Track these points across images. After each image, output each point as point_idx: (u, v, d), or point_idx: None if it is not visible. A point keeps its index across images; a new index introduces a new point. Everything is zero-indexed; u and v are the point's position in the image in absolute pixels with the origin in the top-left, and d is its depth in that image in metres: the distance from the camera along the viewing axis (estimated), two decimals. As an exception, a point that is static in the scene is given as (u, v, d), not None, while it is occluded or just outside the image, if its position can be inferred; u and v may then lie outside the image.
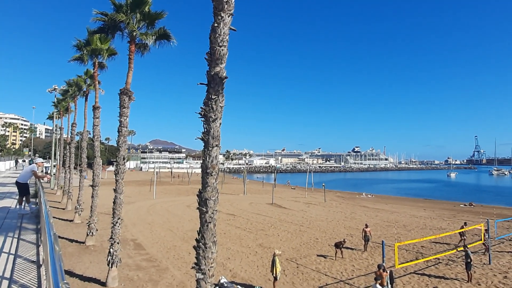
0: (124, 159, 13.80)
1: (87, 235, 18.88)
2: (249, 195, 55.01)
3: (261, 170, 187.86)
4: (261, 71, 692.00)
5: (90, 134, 23.98)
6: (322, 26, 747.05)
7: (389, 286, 11.62)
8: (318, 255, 18.54)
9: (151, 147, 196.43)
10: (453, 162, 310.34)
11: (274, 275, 13.00)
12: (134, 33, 14.23)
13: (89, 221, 18.90)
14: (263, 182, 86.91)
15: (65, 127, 43.39)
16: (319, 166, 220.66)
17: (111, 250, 12.90)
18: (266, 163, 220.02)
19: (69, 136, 37.74)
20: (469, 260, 14.37)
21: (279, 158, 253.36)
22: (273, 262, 13.08)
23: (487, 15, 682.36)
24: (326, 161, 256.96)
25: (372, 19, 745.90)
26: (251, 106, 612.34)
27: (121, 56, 20.76)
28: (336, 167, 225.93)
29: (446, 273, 15.64)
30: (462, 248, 16.49)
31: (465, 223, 23.95)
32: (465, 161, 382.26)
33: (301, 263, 17.07)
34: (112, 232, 13.21)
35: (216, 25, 7.49)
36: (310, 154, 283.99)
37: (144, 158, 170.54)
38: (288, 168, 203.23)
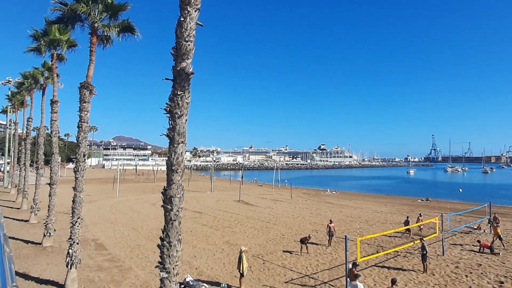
0: (84, 156, 13.24)
1: (44, 235, 17.97)
2: (216, 192, 54.73)
3: (228, 167, 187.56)
4: (229, 69, 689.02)
5: (48, 129, 22.78)
6: (289, 25, 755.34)
7: (360, 277, 12.06)
8: (284, 251, 18.81)
9: (115, 144, 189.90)
10: (412, 160, 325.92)
11: (240, 271, 13.03)
12: (96, 25, 13.63)
13: (47, 221, 17.98)
14: (231, 179, 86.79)
15: (20, 122, 40.92)
16: (286, 163, 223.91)
17: (70, 250, 12.36)
18: (233, 160, 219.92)
19: (24, 131, 35.65)
20: (424, 252, 15.20)
21: (247, 155, 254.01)
22: (240, 258, 13.11)
23: (440, 20, 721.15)
24: (293, 159, 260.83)
25: (334, 20, 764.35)
26: (219, 103, 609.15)
27: (82, 48, 19.83)
28: (303, 164, 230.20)
29: (404, 264, 16.43)
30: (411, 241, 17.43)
31: (420, 214, 25.62)
32: (423, 158, 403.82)
33: (268, 259, 17.25)
34: (71, 232, 12.65)
35: (182, 19, 7.35)
36: (277, 151, 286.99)
37: (107, 155, 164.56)
38: (256, 166, 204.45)
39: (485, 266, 16.15)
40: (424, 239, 16.66)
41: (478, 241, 19.52)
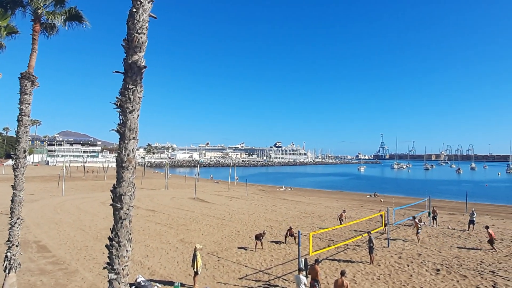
0: (25, 152, 12.27)
1: (-22, 239, 16.42)
2: (171, 189, 53.55)
3: (184, 164, 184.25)
4: (184, 65, 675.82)
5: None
6: (238, 22, 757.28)
7: (304, 272, 12.42)
8: (239, 248, 18.90)
9: (61, 139, 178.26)
10: (363, 157, 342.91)
11: (195, 269, 12.89)
12: (39, 11, 12.64)
13: (-20, 223, 16.44)
14: (186, 177, 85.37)
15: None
16: (243, 161, 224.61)
17: (8, 254, 11.42)
18: (189, 157, 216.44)
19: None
20: (371, 245, 16.12)
21: (203, 152, 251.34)
22: (194, 256, 12.96)
23: (380, 22, 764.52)
24: (249, 156, 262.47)
25: (284, 16, 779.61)
26: (174, 99, 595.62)
27: (24, 36, 18.28)
28: (259, 161, 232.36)
29: (353, 257, 17.28)
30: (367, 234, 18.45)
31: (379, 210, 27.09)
32: (372, 156, 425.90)
33: (222, 256, 17.24)
34: (9, 234, 11.68)
35: (134, 10, 7.06)
36: (234, 148, 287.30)
37: (52, 151, 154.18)
38: (212, 162, 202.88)
39: (424, 255, 17.48)
40: (371, 232, 17.66)
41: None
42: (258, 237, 18.73)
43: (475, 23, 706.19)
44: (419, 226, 20.79)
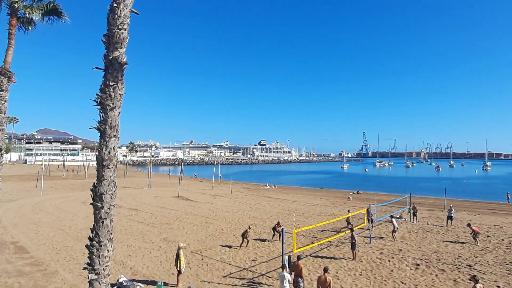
0: (1, 150, 11.90)
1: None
2: (154, 188, 52.90)
3: (167, 162, 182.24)
4: (168, 63, 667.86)
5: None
6: (224, 20, 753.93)
7: (287, 269, 12.52)
8: (223, 246, 18.86)
9: (39, 137, 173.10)
10: (346, 155, 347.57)
11: (178, 268, 12.80)
12: (16, 5, 12.26)
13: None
14: (170, 175, 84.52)
15: None
16: (227, 159, 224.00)
17: (-17, 256, 11.05)
18: (173, 156, 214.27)
19: None
20: (353, 241, 16.38)
21: (187, 150, 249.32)
22: (177, 255, 12.86)
23: (369, 21, 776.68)
24: (233, 154, 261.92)
25: (273, 16, 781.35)
26: (158, 97, 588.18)
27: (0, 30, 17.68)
28: (243, 159, 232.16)
29: (336, 253, 17.52)
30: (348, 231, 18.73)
31: (348, 210, 27.29)
32: (355, 154, 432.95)
33: (206, 254, 17.16)
34: (-16, 235, 11.32)
35: (115, 5, 6.93)
36: (218, 146, 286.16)
37: (30, 149, 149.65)
38: (196, 161, 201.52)
39: (405, 251, 17.89)
40: (354, 229, 17.96)
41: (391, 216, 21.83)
42: (244, 235, 18.68)
43: (454, 24, 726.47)
44: (395, 226, 21.16)
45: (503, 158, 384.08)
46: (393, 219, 21.61)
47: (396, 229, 20.75)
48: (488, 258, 16.67)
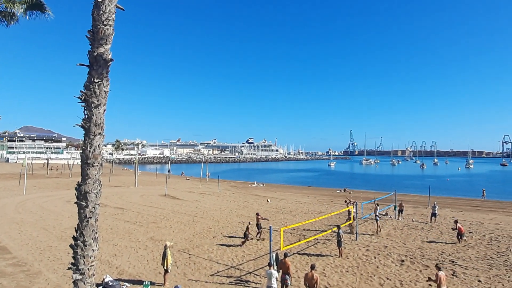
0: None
1: None
2: (141, 187, 52.32)
3: (155, 160, 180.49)
4: (157, 60, 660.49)
5: None
6: (216, 19, 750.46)
7: (275, 266, 12.57)
8: (210, 244, 18.79)
9: (22, 135, 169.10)
10: (333, 153, 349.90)
11: (165, 267, 12.70)
12: (-4, -2, 11.91)
13: None
14: (157, 173, 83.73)
15: None
16: (215, 157, 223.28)
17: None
18: (160, 154, 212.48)
19: None
20: (340, 238, 16.54)
21: (174, 148, 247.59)
22: (164, 254, 12.76)
23: (360, 20, 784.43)
24: (221, 152, 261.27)
25: (260, 16, 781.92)
26: (145, 95, 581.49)
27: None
28: (231, 157, 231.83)
29: (323, 251, 17.68)
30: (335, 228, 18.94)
31: (346, 202, 27.63)
32: (342, 152, 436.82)
33: (194, 253, 17.08)
34: (-36, 235, 11.00)
35: (100, 0, 6.80)
36: (206, 144, 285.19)
37: (12, 147, 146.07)
38: (184, 159, 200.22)
39: (390, 248, 18.19)
40: (341, 226, 18.12)
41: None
42: (247, 235, 18.59)
43: (439, 24, 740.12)
44: (378, 224, 21.47)
45: (485, 156, 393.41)
46: (377, 217, 22.05)
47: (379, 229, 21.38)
48: (470, 254, 17.11)
